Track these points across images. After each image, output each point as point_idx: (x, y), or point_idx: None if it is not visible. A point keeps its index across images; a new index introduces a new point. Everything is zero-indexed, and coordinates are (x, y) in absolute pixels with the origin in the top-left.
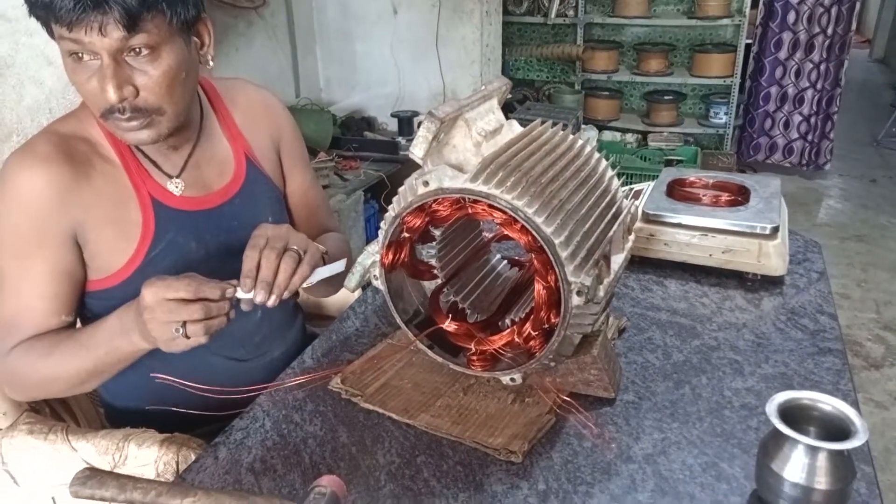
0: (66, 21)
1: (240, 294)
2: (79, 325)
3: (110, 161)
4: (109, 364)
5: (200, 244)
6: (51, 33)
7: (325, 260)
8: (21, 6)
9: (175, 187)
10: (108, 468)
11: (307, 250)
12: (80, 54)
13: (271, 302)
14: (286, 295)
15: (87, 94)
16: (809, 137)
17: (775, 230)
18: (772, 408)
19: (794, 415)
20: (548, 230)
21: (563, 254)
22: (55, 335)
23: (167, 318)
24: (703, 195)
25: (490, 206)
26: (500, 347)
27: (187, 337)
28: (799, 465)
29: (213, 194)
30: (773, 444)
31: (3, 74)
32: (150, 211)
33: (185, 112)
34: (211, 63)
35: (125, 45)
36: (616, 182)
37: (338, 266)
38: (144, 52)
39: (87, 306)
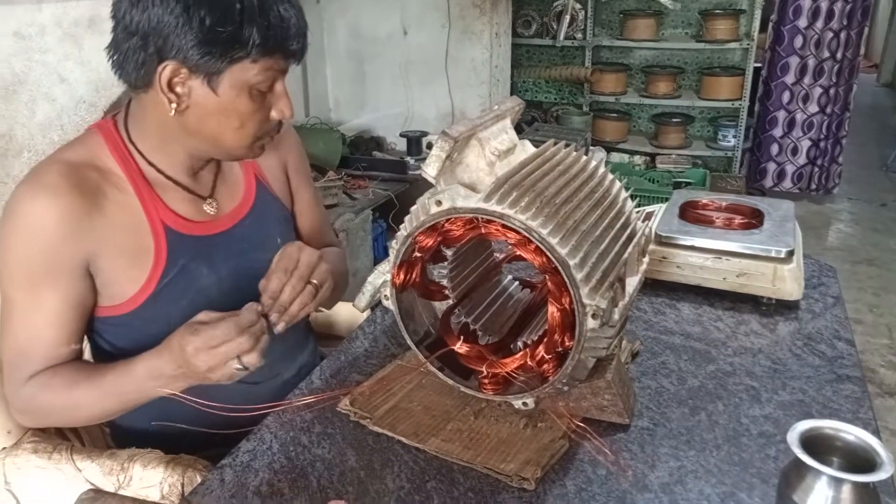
0: (297, 53)
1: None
2: (88, 350)
3: (122, 189)
4: (136, 405)
5: (212, 269)
6: (214, 73)
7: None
8: (34, 24)
9: (210, 208)
10: (112, 489)
11: (324, 285)
12: (261, 87)
13: (279, 328)
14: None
15: (259, 120)
16: (819, 162)
17: (790, 254)
18: (793, 437)
19: (817, 444)
20: (562, 251)
21: (579, 276)
22: (73, 373)
23: (223, 360)
24: (717, 218)
25: (504, 226)
26: (512, 370)
27: (246, 368)
28: (822, 497)
29: (223, 217)
30: (794, 475)
31: (17, 91)
32: (162, 238)
33: None
34: None
35: None
36: (630, 204)
37: None
38: None
39: (98, 332)
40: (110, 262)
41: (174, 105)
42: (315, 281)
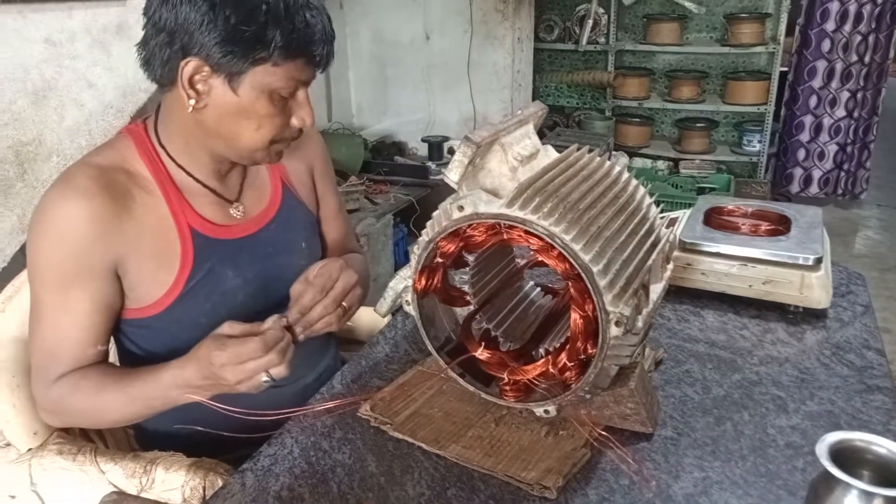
0: (319, 62)
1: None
2: (114, 352)
3: (150, 192)
4: (160, 410)
5: (237, 272)
6: (236, 73)
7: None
8: (64, 30)
9: (236, 212)
10: (135, 492)
11: (352, 308)
12: (282, 92)
13: (300, 339)
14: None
15: (276, 125)
16: (845, 167)
17: (818, 261)
18: (822, 448)
19: (846, 457)
20: (585, 258)
21: (602, 282)
22: (101, 376)
23: (251, 376)
24: (742, 224)
25: (526, 231)
26: (533, 377)
27: (274, 379)
28: None
29: (249, 221)
30: (823, 488)
31: (46, 97)
32: (188, 241)
33: None
34: None
35: None
36: (654, 209)
37: None
38: None
39: (124, 334)
40: (138, 265)
41: (192, 101)
42: (346, 304)
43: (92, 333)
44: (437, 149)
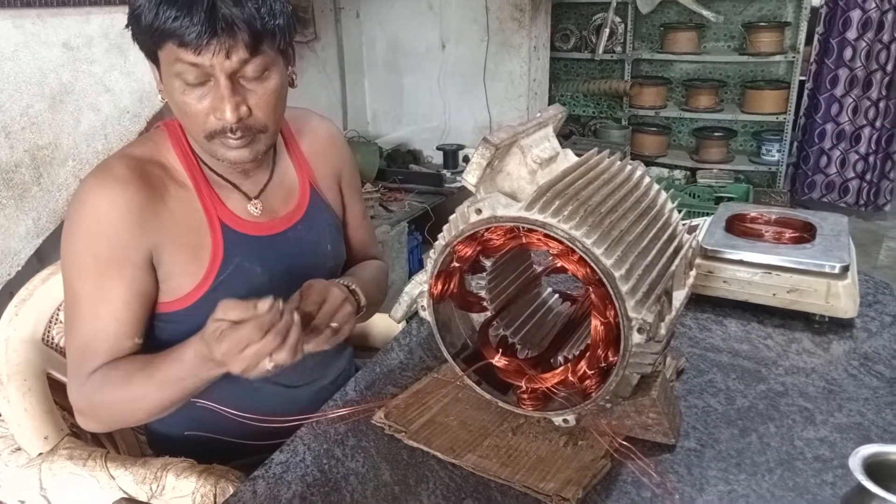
0: (194, 45)
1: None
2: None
3: (183, 185)
4: (193, 391)
5: (265, 269)
6: (153, 57)
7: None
8: (82, 35)
9: (254, 209)
10: (145, 498)
11: (345, 326)
12: (186, 78)
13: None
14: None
15: (196, 114)
16: (867, 177)
17: (845, 269)
18: (855, 462)
19: (880, 471)
20: (607, 262)
21: (624, 288)
22: (129, 364)
23: (255, 362)
24: (766, 231)
25: (546, 235)
26: (552, 386)
27: (279, 365)
28: None
29: (277, 220)
30: (856, 503)
31: (63, 101)
32: (219, 235)
33: (278, 131)
34: (296, 84)
35: (243, 67)
36: (676, 215)
37: None
38: (256, 73)
39: (151, 328)
40: (171, 257)
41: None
42: (335, 325)
43: (129, 325)
44: (453, 157)
